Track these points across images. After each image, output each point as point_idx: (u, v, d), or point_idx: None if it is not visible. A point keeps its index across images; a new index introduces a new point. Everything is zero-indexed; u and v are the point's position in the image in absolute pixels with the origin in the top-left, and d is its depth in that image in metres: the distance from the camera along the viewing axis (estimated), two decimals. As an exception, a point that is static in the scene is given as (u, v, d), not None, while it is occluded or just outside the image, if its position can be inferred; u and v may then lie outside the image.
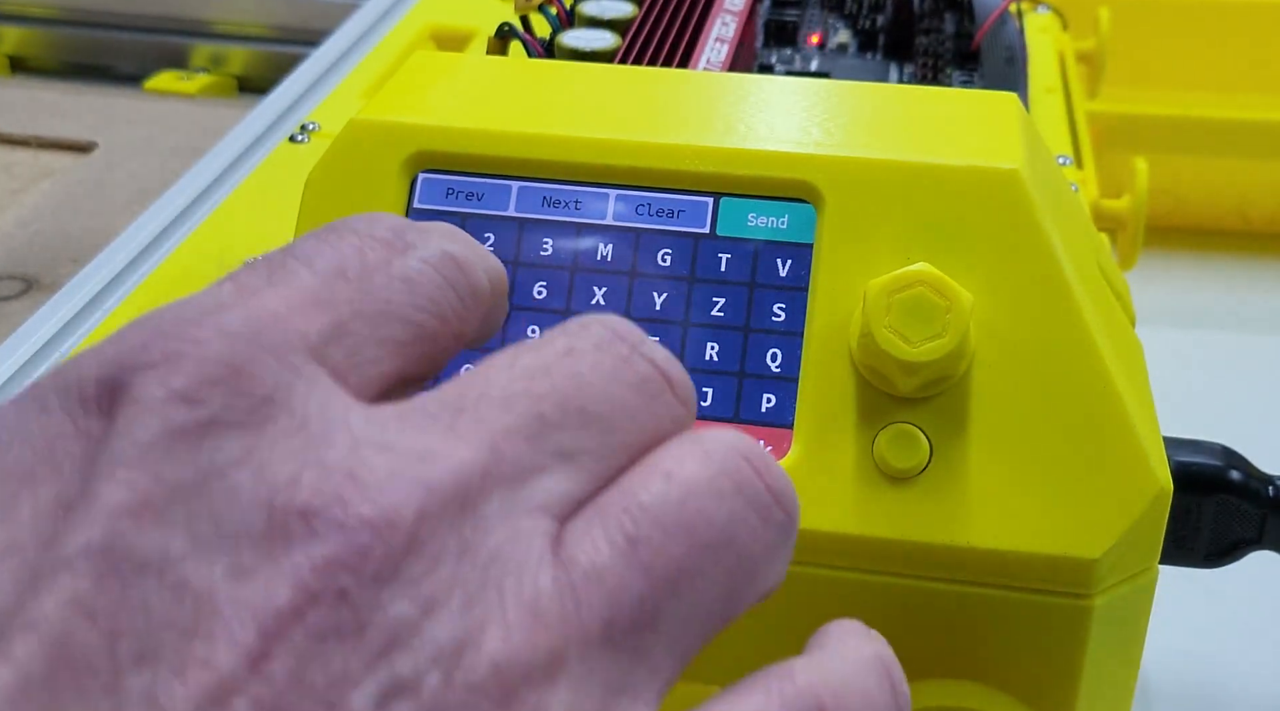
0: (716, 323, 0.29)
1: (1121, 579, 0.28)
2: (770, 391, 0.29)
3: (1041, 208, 0.29)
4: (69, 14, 0.82)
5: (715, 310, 0.29)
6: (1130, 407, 0.28)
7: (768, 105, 0.32)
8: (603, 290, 0.30)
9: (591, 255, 0.30)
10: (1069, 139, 0.47)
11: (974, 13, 0.46)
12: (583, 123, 0.31)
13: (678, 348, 0.29)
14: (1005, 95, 0.32)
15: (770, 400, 0.29)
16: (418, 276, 0.20)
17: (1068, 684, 0.29)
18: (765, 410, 0.29)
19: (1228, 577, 0.35)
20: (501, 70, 0.35)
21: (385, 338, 0.19)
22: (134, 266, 0.42)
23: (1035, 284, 0.28)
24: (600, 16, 0.42)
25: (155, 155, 0.66)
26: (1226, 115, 0.61)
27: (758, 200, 0.30)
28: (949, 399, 0.28)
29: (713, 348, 0.29)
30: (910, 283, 0.27)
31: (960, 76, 0.44)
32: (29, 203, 0.62)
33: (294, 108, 0.53)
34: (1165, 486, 0.28)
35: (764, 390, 0.29)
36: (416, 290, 0.20)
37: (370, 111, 0.31)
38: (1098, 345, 0.28)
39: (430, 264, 0.20)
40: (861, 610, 0.27)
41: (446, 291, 0.20)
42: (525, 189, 0.30)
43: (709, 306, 0.29)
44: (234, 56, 0.79)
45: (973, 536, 0.27)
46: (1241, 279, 0.61)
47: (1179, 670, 0.41)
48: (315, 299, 0.19)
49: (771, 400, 0.29)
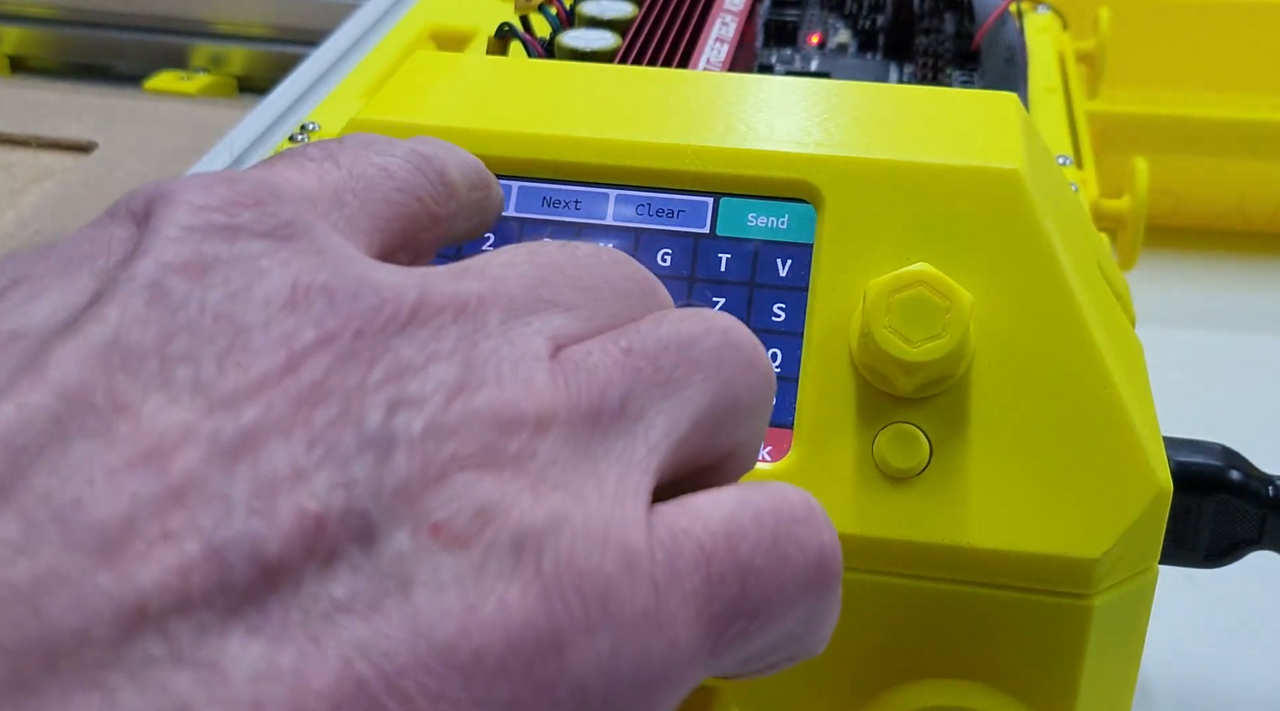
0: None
1: (1121, 579, 0.28)
2: (770, 391, 0.29)
3: (1041, 208, 0.29)
4: (69, 14, 0.82)
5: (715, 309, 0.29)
6: (1130, 407, 0.28)
7: (768, 105, 0.32)
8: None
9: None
10: (1069, 139, 0.47)
11: (974, 13, 0.46)
12: (583, 123, 0.31)
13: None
14: (1005, 95, 0.32)
15: (770, 400, 0.29)
16: (391, 165, 0.23)
17: (1068, 684, 0.29)
18: (765, 410, 0.29)
19: (1228, 577, 0.35)
20: (501, 70, 0.35)
21: (372, 212, 0.22)
22: (134, 266, 0.42)
23: (1035, 284, 0.28)
24: (600, 16, 0.42)
25: (155, 155, 0.66)
26: (1226, 115, 0.60)
27: (758, 200, 0.30)
28: (949, 399, 0.28)
29: (713, 348, 0.29)
30: (910, 283, 0.27)
31: (960, 76, 0.44)
32: (29, 203, 0.62)
33: (294, 108, 0.53)
34: (1165, 486, 0.28)
35: (764, 390, 0.29)
36: (393, 175, 0.23)
37: (370, 111, 0.32)
38: (1098, 345, 0.28)
39: (401, 156, 0.23)
40: (862, 610, 0.27)
41: (417, 176, 0.23)
42: (525, 189, 0.30)
43: (709, 306, 0.29)
44: (234, 56, 0.79)
45: (973, 536, 0.27)
46: (1241, 279, 0.61)
47: (1179, 670, 0.41)
48: (317, 175, 0.22)
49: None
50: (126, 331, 0.17)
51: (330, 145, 0.23)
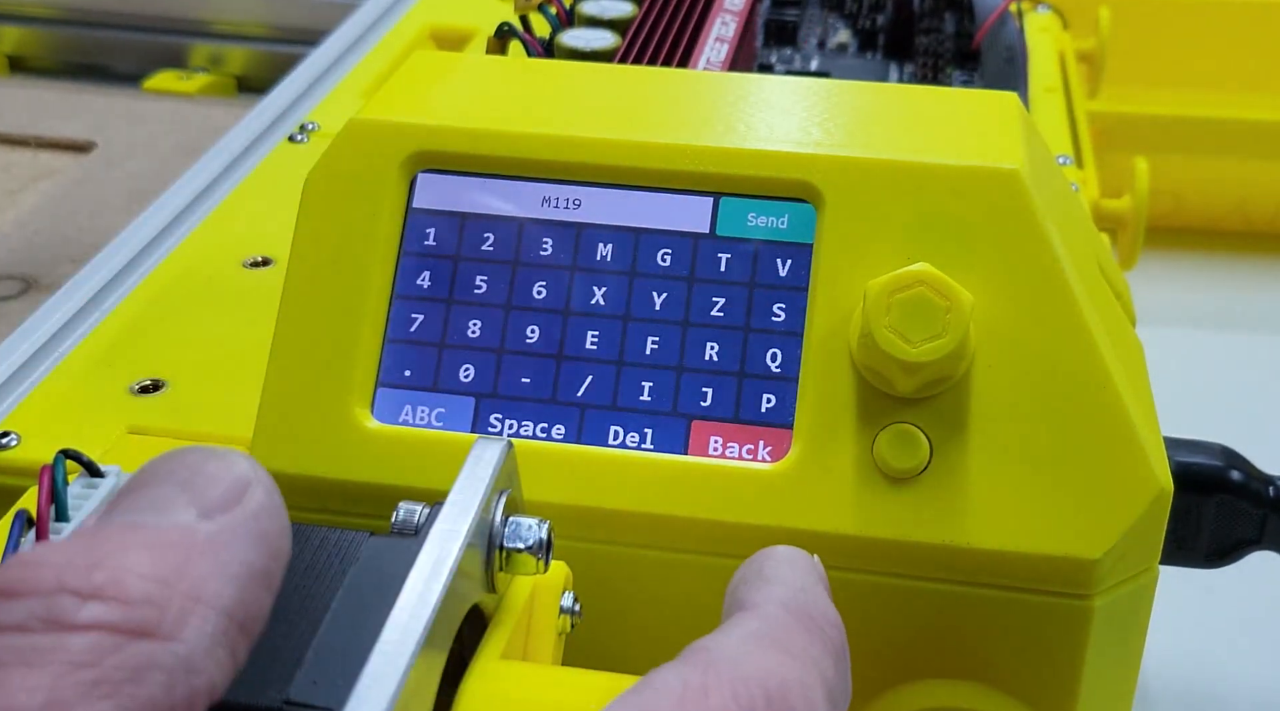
0: (716, 323, 0.29)
1: (1122, 579, 0.28)
2: (770, 391, 0.29)
3: (1041, 208, 0.29)
4: (68, 14, 0.82)
5: (715, 310, 0.29)
6: (1130, 408, 0.28)
7: (768, 105, 0.32)
8: (603, 290, 0.30)
9: (591, 255, 0.30)
10: (1069, 139, 0.47)
11: (974, 12, 0.46)
12: (583, 123, 0.31)
13: (677, 347, 0.29)
14: (1005, 95, 0.32)
15: (770, 400, 0.29)
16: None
17: (1068, 684, 0.29)
18: (765, 410, 0.29)
19: (1228, 577, 0.35)
20: (501, 70, 0.35)
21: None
22: (133, 266, 0.42)
23: (1035, 284, 0.28)
24: (600, 16, 0.42)
25: (154, 155, 0.66)
26: (1226, 115, 0.60)
27: (758, 200, 0.30)
28: (949, 399, 0.28)
29: (713, 348, 0.29)
30: (910, 283, 0.27)
31: (960, 76, 0.44)
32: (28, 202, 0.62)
33: (293, 107, 0.53)
34: (1165, 486, 0.28)
35: (764, 390, 0.29)
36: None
37: (369, 111, 0.31)
38: (1098, 345, 0.28)
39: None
40: (861, 610, 0.27)
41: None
42: (525, 189, 0.30)
43: (709, 306, 0.29)
44: (233, 56, 0.79)
45: (973, 536, 0.27)
46: (1241, 279, 0.61)
47: (1179, 670, 0.41)
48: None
49: (771, 400, 0.29)
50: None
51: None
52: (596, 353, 0.29)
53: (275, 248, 0.41)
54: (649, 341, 0.29)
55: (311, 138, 0.49)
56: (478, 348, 0.30)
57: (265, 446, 0.29)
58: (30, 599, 0.18)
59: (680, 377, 0.29)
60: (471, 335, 0.30)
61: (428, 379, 0.30)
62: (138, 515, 0.20)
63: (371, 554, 0.24)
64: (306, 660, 0.22)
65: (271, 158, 0.48)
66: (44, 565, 0.18)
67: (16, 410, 0.35)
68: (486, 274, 0.30)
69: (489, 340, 0.30)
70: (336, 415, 0.29)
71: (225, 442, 0.33)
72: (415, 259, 0.30)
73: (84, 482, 0.26)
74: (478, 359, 0.30)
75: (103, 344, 0.37)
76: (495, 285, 0.30)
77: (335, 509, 0.29)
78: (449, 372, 0.30)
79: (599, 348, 0.29)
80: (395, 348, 0.30)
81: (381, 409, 0.30)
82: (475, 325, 0.30)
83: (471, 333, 0.30)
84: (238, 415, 0.32)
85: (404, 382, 0.30)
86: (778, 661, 0.21)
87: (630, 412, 0.29)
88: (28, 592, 0.18)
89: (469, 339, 0.30)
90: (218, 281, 0.40)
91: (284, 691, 0.21)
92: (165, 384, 0.35)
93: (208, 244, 0.42)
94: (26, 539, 0.24)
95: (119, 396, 0.35)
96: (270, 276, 0.40)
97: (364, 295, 0.30)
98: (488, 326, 0.30)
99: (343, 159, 0.31)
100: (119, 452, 0.33)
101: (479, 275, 0.30)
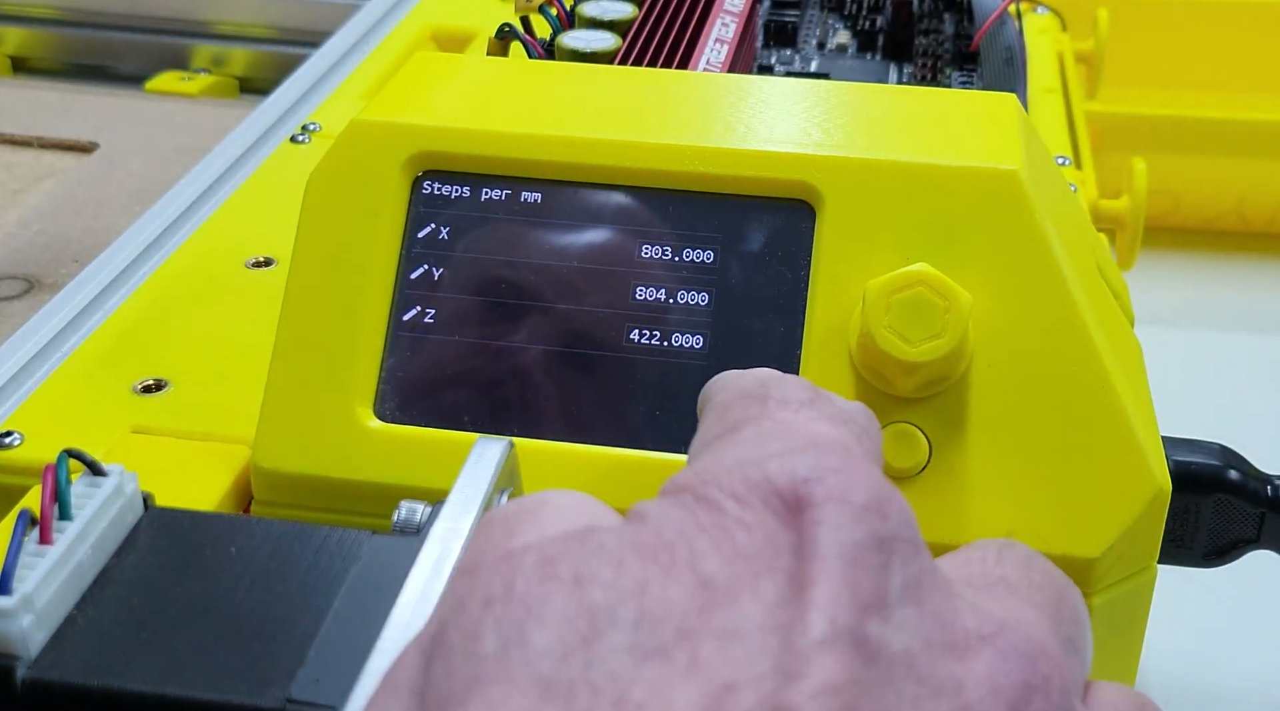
0: (716, 322, 0.29)
1: (1120, 578, 0.28)
2: (770, 391, 0.29)
3: (1041, 208, 0.29)
4: (70, 14, 0.82)
5: (715, 310, 0.29)
6: (1129, 407, 0.28)
7: (767, 105, 0.32)
8: (604, 290, 0.30)
9: (591, 255, 0.30)
10: (1068, 139, 0.48)
11: (973, 13, 0.46)
12: (583, 123, 0.31)
13: (677, 347, 0.29)
14: (1005, 96, 0.33)
15: (770, 400, 0.29)
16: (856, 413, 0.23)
17: (1066, 682, 0.29)
18: (765, 410, 0.29)
19: (1227, 577, 0.35)
20: (502, 71, 0.35)
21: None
22: (136, 266, 0.42)
23: (1035, 284, 0.28)
24: (600, 17, 0.42)
25: (157, 156, 0.66)
26: (1226, 115, 0.61)
27: (758, 200, 0.30)
28: (949, 399, 0.28)
29: (713, 348, 0.29)
30: (909, 283, 0.27)
31: (959, 77, 0.45)
32: (30, 203, 0.62)
33: (295, 108, 0.53)
34: (1164, 486, 0.28)
35: (764, 390, 0.29)
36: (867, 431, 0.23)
37: (371, 112, 0.32)
38: (1097, 345, 0.28)
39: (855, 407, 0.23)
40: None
41: (872, 422, 0.24)
42: (525, 189, 0.30)
43: (709, 306, 0.29)
44: (235, 57, 0.79)
45: (972, 536, 0.27)
46: (1241, 279, 0.61)
47: (1177, 668, 0.41)
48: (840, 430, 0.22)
49: (771, 400, 0.29)
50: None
51: (806, 396, 0.22)
52: (598, 352, 0.29)
53: (277, 248, 0.41)
54: (649, 341, 0.29)
55: (313, 138, 0.49)
56: (480, 347, 0.30)
57: (268, 445, 0.30)
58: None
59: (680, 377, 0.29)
60: (473, 335, 0.30)
61: (429, 378, 0.30)
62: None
63: (373, 553, 0.24)
64: (308, 658, 0.22)
65: (274, 158, 0.48)
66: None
67: (20, 409, 0.35)
68: (488, 273, 0.30)
69: (490, 339, 0.30)
70: (339, 414, 0.29)
71: (228, 442, 0.33)
72: (417, 259, 0.30)
73: (87, 482, 0.26)
74: (479, 358, 0.30)
75: (105, 344, 0.37)
76: (496, 285, 0.30)
77: (337, 508, 0.29)
78: (451, 372, 0.30)
79: (600, 347, 0.29)
80: (397, 347, 0.30)
81: (383, 408, 0.30)
82: (476, 325, 0.30)
83: (473, 332, 0.30)
84: (240, 415, 0.33)
85: (406, 382, 0.30)
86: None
87: (630, 412, 0.29)
88: None
89: (471, 338, 0.30)
90: (220, 281, 0.40)
91: (286, 689, 0.22)
92: (168, 383, 0.36)
93: (210, 244, 0.42)
94: (29, 538, 0.24)
95: (122, 396, 0.35)
96: (273, 276, 0.40)
97: (366, 295, 0.30)
98: (489, 326, 0.30)
99: (345, 159, 0.31)
100: (122, 452, 0.33)
101: (480, 275, 0.30)
